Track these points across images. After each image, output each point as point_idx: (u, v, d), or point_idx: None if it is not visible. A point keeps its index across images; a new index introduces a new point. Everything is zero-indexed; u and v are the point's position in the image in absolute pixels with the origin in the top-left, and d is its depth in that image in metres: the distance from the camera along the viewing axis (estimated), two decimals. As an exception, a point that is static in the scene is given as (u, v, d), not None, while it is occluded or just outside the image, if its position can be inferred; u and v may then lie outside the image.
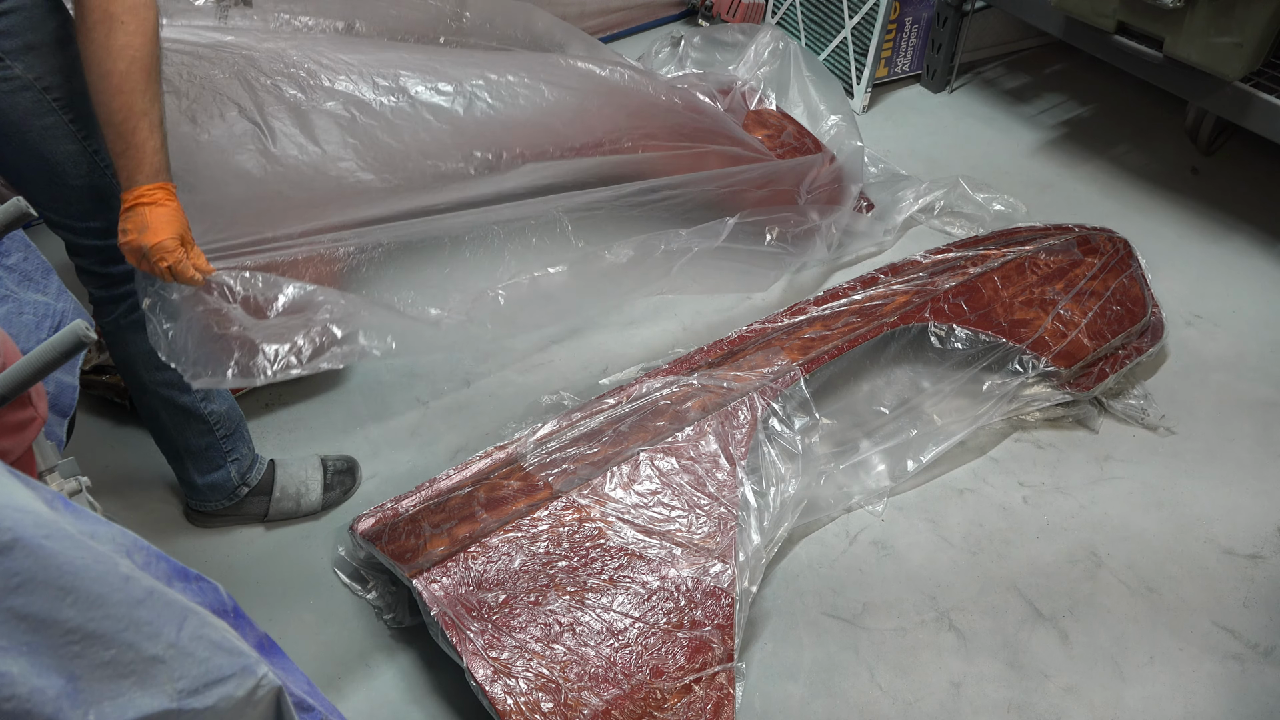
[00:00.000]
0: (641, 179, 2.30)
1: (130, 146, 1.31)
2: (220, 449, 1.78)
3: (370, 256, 1.94)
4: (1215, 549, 1.90)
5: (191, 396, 1.68)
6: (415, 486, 1.81)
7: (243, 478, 1.84)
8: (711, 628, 1.60)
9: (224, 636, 0.68)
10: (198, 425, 1.72)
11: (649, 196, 2.30)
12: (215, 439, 1.76)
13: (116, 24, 1.28)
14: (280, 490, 1.89)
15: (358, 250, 1.88)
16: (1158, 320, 2.29)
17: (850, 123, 2.72)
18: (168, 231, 1.33)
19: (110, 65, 1.29)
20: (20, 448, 0.84)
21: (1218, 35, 2.21)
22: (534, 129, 2.20)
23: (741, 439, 1.84)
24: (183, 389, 1.65)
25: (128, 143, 1.31)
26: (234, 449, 1.80)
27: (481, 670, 1.50)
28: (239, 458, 1.82)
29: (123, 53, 1.29)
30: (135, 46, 1.30)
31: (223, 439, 1.77)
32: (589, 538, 1.68)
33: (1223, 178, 2.82)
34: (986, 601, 1.80)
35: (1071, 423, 2.13)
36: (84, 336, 0.75)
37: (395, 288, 1.84)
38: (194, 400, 1.68)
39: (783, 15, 3.35)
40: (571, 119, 2.25)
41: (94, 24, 1.27)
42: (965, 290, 2.18)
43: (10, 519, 0.55)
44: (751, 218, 2.30)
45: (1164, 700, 1.67)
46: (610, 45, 3.38)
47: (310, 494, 1.91)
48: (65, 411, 1.16)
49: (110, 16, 1.28)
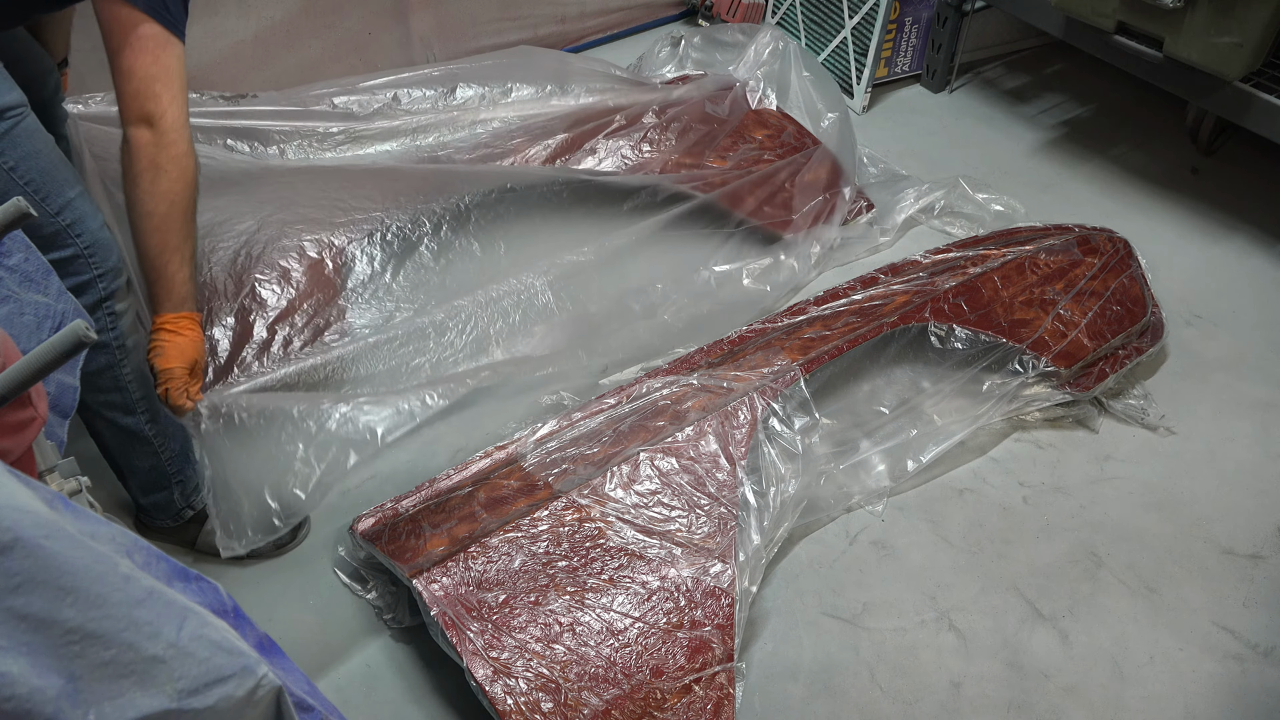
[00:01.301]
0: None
1: (162, 277, 1.46)
2: (165, 471, 1.73)
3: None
4: (1215, 549, 1.90)
5: (136, 419, 1.64)
6: (415, 486, 1.81)
7: (187, 500, 1.79)
8: (711, 628, 1.60)
9: (224, 636, 0.68)
10: (143, 447, 1.68)
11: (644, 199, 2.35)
12: (160, 461, 1.71)
13: (161, 172, 1.43)
14: (212, 523, 1.77)
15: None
16: (1158, 320, 2.29)
17: (846, 122, 2.72)
18: (179, 360, 1.48)
19: (152, 207, 1.43)
20: (20, 448, 0.84)
21: (1218, 35, 2.21)
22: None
23: (741, 439, 1.84)
24: (127, 410, 1.62)
25: (160, 274, 1.46)
26: (179, 471, 1.75)
27: (481, 670, 1.50)
28: (183, 480, 1.77)
29: (165, 197, 1.44)
30: (176, 192, 1.44)
31: (168, 461, 1.72)
32: (589, 538, 1.68)
33: (1223, 178, 2.82)
34: (986, 601, 1.80)
35: (1071, 423, 2.13)
36: (84, 337, 0.74)
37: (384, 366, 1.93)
38: (138, 422, 1.65)
39: (783, 15, 3.35)
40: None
41: (140, 171, 1.42)
42: (965, 290, 2.18)
43: (10, 519, 0.55)
44: (728, 263, 2.37)
45: (1164, 700, 1.67)
46: (610, 45, 3.39)
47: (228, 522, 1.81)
48: (66, 412, 1.16)
49: (156, 165, 1.42)
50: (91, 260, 1.48)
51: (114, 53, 1.43)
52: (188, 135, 1.47)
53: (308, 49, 2.80)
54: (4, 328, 1.03)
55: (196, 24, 2.58)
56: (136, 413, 1.63)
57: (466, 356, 2.01)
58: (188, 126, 1.47)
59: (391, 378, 1.94)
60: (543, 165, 2.41)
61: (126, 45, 1.41)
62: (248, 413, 1.59)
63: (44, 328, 1.14)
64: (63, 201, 1.43)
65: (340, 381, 1.87)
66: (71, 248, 1.45)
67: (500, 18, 3.12)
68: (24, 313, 1.12)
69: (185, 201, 1.46)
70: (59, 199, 1.43)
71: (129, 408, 1.62)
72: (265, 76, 2.77)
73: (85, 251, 1.46)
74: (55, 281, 1.20)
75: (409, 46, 2.98)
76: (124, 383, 1.59)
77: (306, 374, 1.83)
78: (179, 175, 1.45)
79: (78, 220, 1.45)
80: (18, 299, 1.11)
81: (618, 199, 2.42)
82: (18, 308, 1.11)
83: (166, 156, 1.43)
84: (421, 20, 2.95)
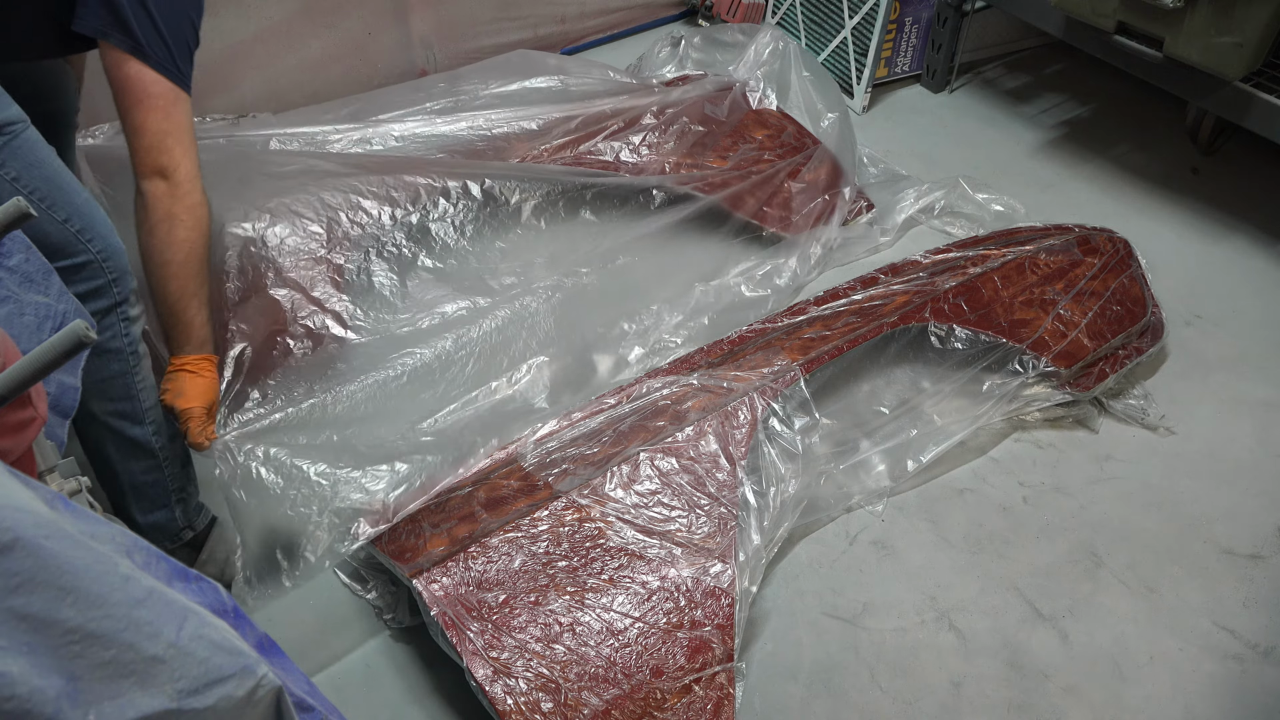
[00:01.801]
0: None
1: (180, 322, 1.54)
2: (167, 486, 1.68)
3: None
4: (1215, 549, 1.90)
5: (143, 429, 1.61)
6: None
7: (188, 520, 1.74)
8: (711, 628, 1.60)
9: (224, 636, 0.68)
10: (146, 460, 1.64)
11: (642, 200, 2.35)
12: (163, 475, 1.67)
13: (177, 222, 1.49)
14: (208, 552, 1.77)
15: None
16: (1158, 320, 2.29)
17: (846, 122, 2.72)
18: (199, 400, 1.56)
19: (170, 256, 1.50)
20: (20, 448, 0.84)
21: (1218, 35, 2.21)
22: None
23: (741, 439, 1.84)
24: (135, 420, 1.59)
25: (178, 319, 1.53)
26: (182, 487, 1.71)
27: (481, 670, 1.50)
28: (186, 497, 1.72)
29: (182, 245, 1.50)
30: (192, 240, 1.51)
31: (170, 476, 1.68)
32: (589, 538, 1.68)
33: (1223, 178, 2.82)
34: (986, 601, 1.80)
35: (1071, 423, 2.13)
36: (84, 337, 0.74)
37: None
38: (145, 433, 1.61)
39: (783, 15, 3.35)
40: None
41: (157, 222, 1.48)
42: (965, 290, 2.18)
43: (10, 519, 0.55)
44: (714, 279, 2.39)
45: (1164, 700, 1.67)
46: (610, 45, 3.39)
47: (238, 565, 1.73)
48: (67, 413, 1.16)
49: (172, 216, 1.48)
50: (106, 265, 1.47)
51: (126, 110, 1.49)
52: (200, 185, 1.53)
53: (308, 49, 2.81)
54: (4, 328, 1.03)
55: (196, 24, 2.58)
56: (145, 423, 1.60)
57: (471, 385, 2.02)
58: (199, 177, 1.53)
59: (396, 415, 1.96)
60: (542, 164, 2.41)
61: (139, 104, 1.47)
62: (265, 466, 1.67)
63: (45, 328, 1.14)
64: (71, 208, 1.43)
65: (346, 420, 1.88)
66: (84, 254, 1.44)
67: (500, 18, 3.12)
68: (24, 313, 1.12)
69: (201, 249, 1.53)
70: (67, 206, 1.42)
71: (138, 417, 1.59)
72: (265, 76, 2.77)
73: (99, 256, 1.46)
74: (56, 282, 1.20)
75: (409, 46, 2.98)
76: (135, 391, 1.57)
77: (309, 415, 1.84)
78: (194, 224, 1.51)
79: (87, 226, 1.45)
80: (18, 299, 1.11)
81: (618, 200, 2.42)
82: (18, 308, 1.11)
83: (182, 207, 1.49)
84: (421, 20, 2.95)
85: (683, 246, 2.44)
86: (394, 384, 1.92)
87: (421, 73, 3.05)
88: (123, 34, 1.44)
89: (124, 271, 1.51)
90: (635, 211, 2.41)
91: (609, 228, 2.40)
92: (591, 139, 2.49)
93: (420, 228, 2.16)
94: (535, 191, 2.35)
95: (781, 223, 2.47)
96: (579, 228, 2.39)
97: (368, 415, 1.87)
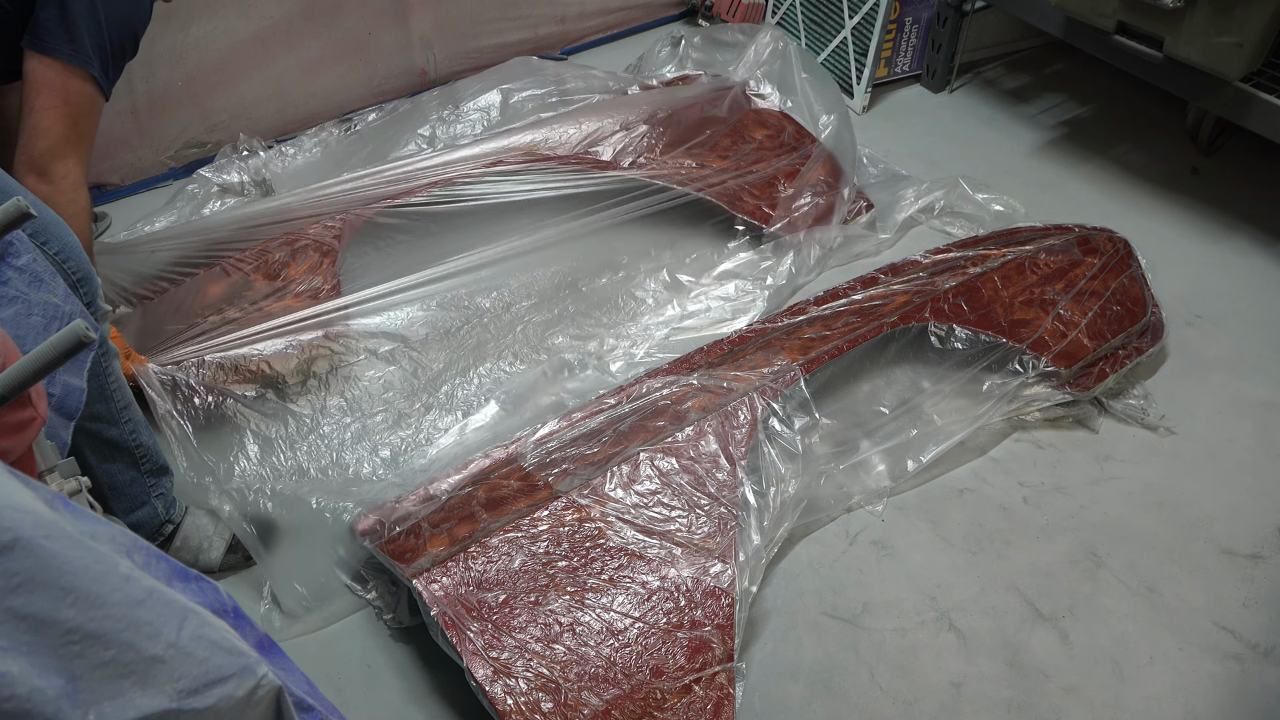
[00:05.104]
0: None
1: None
2: (145, 484, 1.70)
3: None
4: (1215, 549, 1.90)
5: (119, 429, 1.61)
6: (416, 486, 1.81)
7: (168, 513, 1.75)
8: (711, 628, 1.60)
9: (224, 636, 0.68)
10: (124, 459, 1.65)
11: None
12: (140, 473, 1.68)
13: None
14: (181, 540, 1.78)
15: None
16: (1158, 320, 2.29)
17: (846, 122, 2.72)
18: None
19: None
20: (20, 448, 0.84)
21: (1218, 35, 2.21)
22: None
23: (741, 439, 1.84)
24: (109, 421, 1.60)
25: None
26: (158, 483, 1.72)
27: (481, 670, 1.50)
28: (163, 492, 1.74)
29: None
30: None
31: (148, 474, 1.69)
32: (589, 538, 1.68)
33: (1223, 178, 2.82)
34: (986, 601, 1.80)
35: (1071, 423, 2.13)
36: (84, 336, 0.74)
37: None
38: (122, 433, 1.62)
39: (783, 15, 3.35)
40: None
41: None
42: (965, 290, 2.18)
43: (10, 519, 0.55)
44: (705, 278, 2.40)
45: (1164, 700, 1.67)
46: (610, 45, 3.39)
47: (211, 550, 1.79)
48: (71, 414, 1.16)
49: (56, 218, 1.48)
50: (66, 265, 1.45)
51: (37, 110, 1.45)
52: (86, 192, 1.52)
53: (308, 49, 2.81)
54: (12, 328, 1.03)
55: (196, 24, 2.59)
56: (120, 423, 1.61)
57: (472, 409, 2.07)
58: (85, 184, 1.52)
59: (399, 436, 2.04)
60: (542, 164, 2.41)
61: (52, 106, 1.45)
62: (276, 505, 1.79)
63: (51, 329, 1.14)
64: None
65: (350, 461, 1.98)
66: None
67: (500, 18, 3.12)
68: (32, 313, 1.11)
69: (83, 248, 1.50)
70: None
71: (113, 418, 1.59)
72: (265, 76, 2.77)
73: (58, 258, 1.44)
74: (62, 283, 1.20)
75: (409, 46, 2.98)
76: (109, 392, 1.57)
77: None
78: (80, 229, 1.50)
79: (41, 228, 1.42)
80: (26, 299, 1.11)
81: (617, 200, 2.42)
82: (25, 308, 1.11)
83: (65, 215, 1.47)
84: (421, 20, 2.96)
85: (682, 246, 2.45)
86: (397, 406, 2.05)
87: (421, 73, 3.05)
88: (66, 40, 1.43)
89: (88, 272, 1.49)
90: (634, 211, 2.41)
91: (608, 228, 2.40)
92: (591, 139, 2.49)
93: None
94: (534, 191, 2.35)
95: (781, 222, 2.47)
96: (578, 228, 2.39)
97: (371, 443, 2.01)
